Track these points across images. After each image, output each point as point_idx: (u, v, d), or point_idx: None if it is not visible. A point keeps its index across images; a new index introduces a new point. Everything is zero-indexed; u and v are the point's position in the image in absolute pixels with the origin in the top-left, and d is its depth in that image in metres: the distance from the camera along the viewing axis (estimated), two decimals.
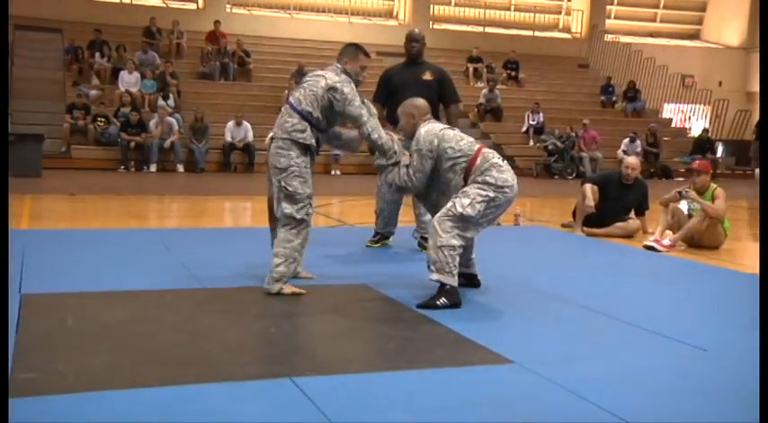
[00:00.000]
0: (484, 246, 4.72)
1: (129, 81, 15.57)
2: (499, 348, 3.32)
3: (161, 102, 15.04)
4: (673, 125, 21.02)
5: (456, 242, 4.00)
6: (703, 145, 18.51)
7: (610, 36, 22.66)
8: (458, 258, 4.02)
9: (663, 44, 23.86)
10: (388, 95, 6.04)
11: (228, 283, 4.54)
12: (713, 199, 6.78)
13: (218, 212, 9.19)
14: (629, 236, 7.33)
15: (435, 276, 4.00)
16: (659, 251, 6.52)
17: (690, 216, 6.90)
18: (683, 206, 7.11)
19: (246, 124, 14.87)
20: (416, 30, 6.29)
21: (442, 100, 6.00)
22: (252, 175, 14.41)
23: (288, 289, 4.23)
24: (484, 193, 4.04)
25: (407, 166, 4.29)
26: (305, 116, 4.28)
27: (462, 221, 4.01)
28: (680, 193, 6.86)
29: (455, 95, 6.16)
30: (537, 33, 22.70)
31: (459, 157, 4.16)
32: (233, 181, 13.18)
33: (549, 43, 22.30)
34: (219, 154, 14.80)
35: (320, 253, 5.24)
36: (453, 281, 4.01)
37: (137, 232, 6.67)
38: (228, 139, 14.72)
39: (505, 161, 4.24)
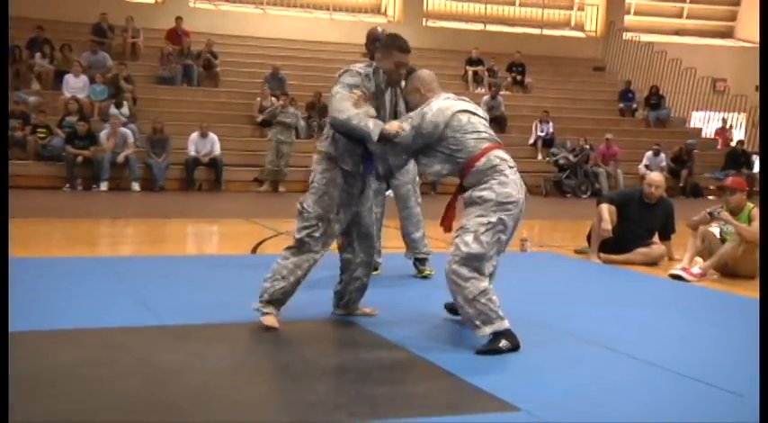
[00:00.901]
0: None
1: (75, 86, 15.57)
2: (504, 393, 3.32)
3: (113, 110, 15.04)
4: (703, 135, 21.18)
5: (483, 284, 4.02)
6: (738, 158, 18.66)
7: (629, 34, 22.87)
8: (495, 297, 4.04)
9: (690, 43, 24.09)
10: None
11: (191, 318, 4.53)
12: (749, 220, 6.82)
13: (179, 238, 9.17)
14: (652, 263, 7.36)
15: (488, 330, 4.00)
16: (688, 281, 6.54)
17: (723, 240, 6.94)
18: (715, 229, 7.16)
19: (213, 136, 14.88)
20: (379, 28, 6.24)
21: None
22: (219, 194, 14.40)
23: (266, 318, 4.29)
24: (485, 219, 4.02)
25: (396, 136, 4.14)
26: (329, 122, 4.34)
27: (474, 261, 4.02)
28: (711, 213, 6.91)
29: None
30: (546, 32, 22.89)
31: (459, 151, 4.11)
32: (197, 201, 13.16)
33: (559, 43, 22.47)
34: (181, 170, 14.79)
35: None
36: (505, 323, 4.03)
37: (85, 261, 6.64)
38: (192, 152, 14.71)
39: (515, 169, 4.19)
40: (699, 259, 6.93)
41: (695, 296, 6.05)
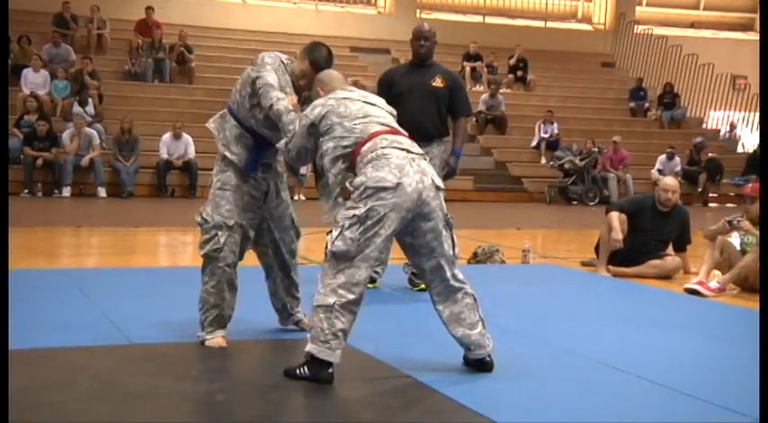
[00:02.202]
0: (484, 288, 4.72)
1: (34, 81, 15.54)
2: (504, 419, 3.32)
3: (77, 108, 15.03)
4: (721, 137, 21.25)
5: (332, 299, 3.65)
6: (759, 163, 18.70)
7: (641, 27, 22.96)
8: (341, 322, 3.66)
9: (707, 37, 24.22)
10: (389, 103, 6.12)
11: (162, 337, 4.51)
12: None
13: (149, 248, 9.15)
14: (666, 277, 7.38)
15: (308, 346, 3.71)
16: (705, 296, 6.55)
17: (743, 252, 6.95)
18: (735, 240, 7.17)
19: (187, 137, 14.87)
20: (426, 25, 6.39)
21: (452, 111, 6.21)
22: (193, 200, 14.35)
23: (209, 342, 4.32)
24: (350, 211, 3.70)
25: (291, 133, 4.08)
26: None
27: (339, 262, 3.69)
28: (730, 223, 6.92)
29: (467, 107, 6.38)
30: (550, 24, 22.97)
31: (344, 138, 3.89)
32: (169, 208, 13.13)
33: (564, 36, 22.55)
34: (152, 174, 14.78)
35: None
36: (330, 355, 3.67)
37: (45, 273, 6.61)
38: (164, 155, 14.70)
39: (412, 155, 3.84)
40: (717, 272, 6.94)
41: (713, 313, 6.06)
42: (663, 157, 17.51)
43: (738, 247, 7.05)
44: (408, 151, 3.83)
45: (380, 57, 18.53)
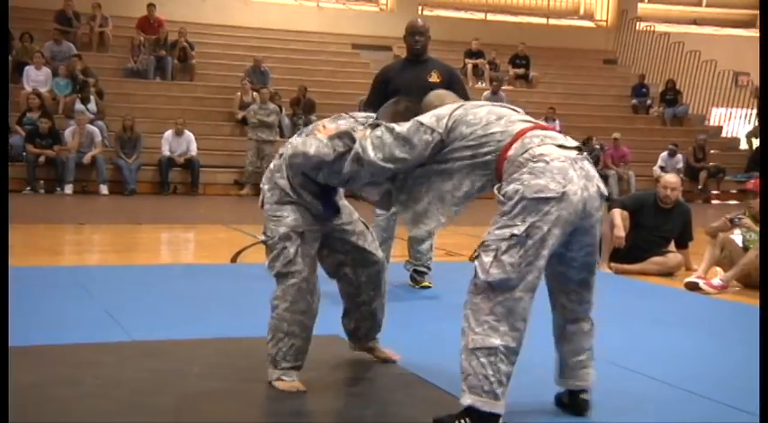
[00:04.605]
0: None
1: (37, 79, 15.54)
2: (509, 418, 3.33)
3: (79, 105, 15.03)
4: (724, 135, 21.24)
5: (497, 341, 3.07)
6: (761, 160, 18.71)
7: (643, 24, 22.95)
8: (506, 365, 3.10)
9: (710, 34, 24.19)
10: (386, 100, 6.13)
11: (164, 334, 4.52)
12: None
13: (151, 246, 9.16)
14: (668, 273, 7.38)
15: (467, 400, 3.10)
16: (707, 293, 6.56)
17: (745, 249, 6.95)
18: (737, 237, 7.17)
19: (189, 134, 14.88)
20: (420, 20, 6.40)
21: None
22: (195, 198, 14.38)
23: (283, 384, 3.65)
24: (507, 229, 3.08)
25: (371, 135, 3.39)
26: None
27: (497, 293, 3.09)
28: (732, 220, 6.93)
29: (466, 100, 6.29)
30: (552, 21, 22.96)
31: (483, 145, 3.25)
32: (171, 206, 13.14)
33: (566, 33, 22.54)
34: (154, 171, 14.78)
35: None
36: (495, 406, 3.08)
37: (47, 271, 6.63)
38: (166, 152, 14.70)
39: (574, 153, 3.22)
40: (719, 270, 6.95)
41: (715, 310, 6.07)
42: (665, 153, 17.49)
43: (740, 245, 7.06)
44: (565, 147, 3.22)
45: (382, 54, 18.48)
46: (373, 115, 3.76)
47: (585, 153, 3.29)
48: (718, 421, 3.48)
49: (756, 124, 19.97)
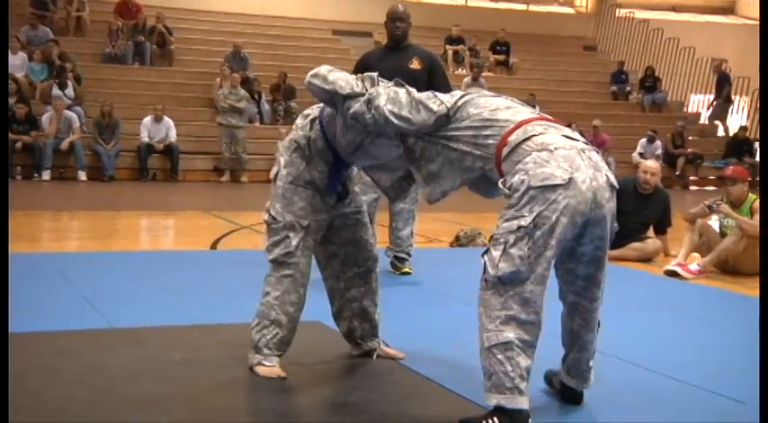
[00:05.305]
0: (466, 271, 4.73)
1: (13, 64, 15.38)
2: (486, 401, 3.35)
3: (56, 91, 14.91)
4: (702, 121, 21.34)
5: (510, 335, 3.01)
6: (740, 146, 18.81)
7: (622, 11, 23.02)
8: (524, 358, 3.03)
9: (689, 21, 24.29)
10: None
11: (144, 320, 4.51)
12: (751, 213, 6.88)
13: (131, 232, 9.13)
14: (646, 259, 7.43)
15: (493, 400, 3.02)
16: (685, 278, 6.60)
17: (723, 235, 7.00)
18: (715, 223, 7.22)
19: (168, 120, 14.82)
20: (401, 6, 6.36)
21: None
22: (175, 184, 14.33)
23: (264, 369, 3.63)
24: (515, 221, 3.02)
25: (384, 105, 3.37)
26: None
27: (508, 287, 3.03)
28: (709, 206, 6.97)
29: (447, 87, 6.24)
30: (532, 7, 22.98)
31: (486, 128, 3.23)
32: (150, 192, 13.09)
33: (546, 20, 22.58)
34: (133, 158, 14.71)
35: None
36: (520, 402, 3.01)
37: (25, 258, 6.58)
38: (145, 138, 14.64)
39: (577, 143, 3.18)
40: (696, 255, 7.00)
41: (693, 295, 6.12)
42: (644, 140, 17.58)
43: (718, 230, 7.11)
44: (571, 138, 3.19)
45: (362, 40, 18.42)
46: None
47: (593, 146, 3.27)
48: (713, 412, 3.50)
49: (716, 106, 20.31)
